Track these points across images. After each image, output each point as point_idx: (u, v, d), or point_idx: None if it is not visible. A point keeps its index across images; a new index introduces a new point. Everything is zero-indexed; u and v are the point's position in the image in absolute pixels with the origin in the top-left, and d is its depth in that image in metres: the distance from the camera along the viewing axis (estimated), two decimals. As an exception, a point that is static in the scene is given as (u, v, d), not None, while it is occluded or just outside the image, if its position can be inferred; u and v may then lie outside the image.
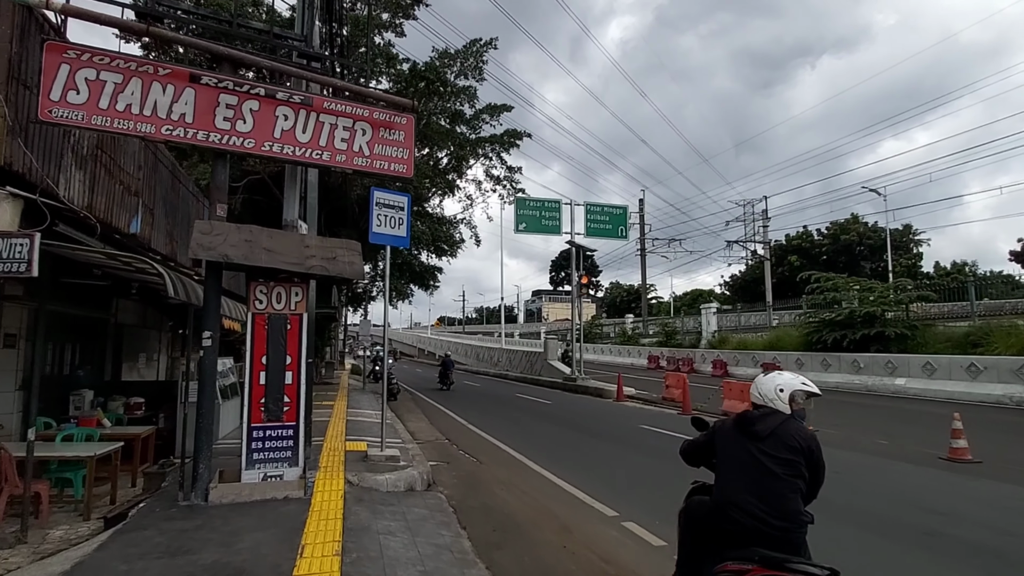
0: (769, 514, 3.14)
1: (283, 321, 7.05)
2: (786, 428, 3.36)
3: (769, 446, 3.30)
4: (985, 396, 17.57)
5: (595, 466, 9.97)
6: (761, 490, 3.21)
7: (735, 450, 3.45)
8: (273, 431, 6.89)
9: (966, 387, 18.38)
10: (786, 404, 3.48)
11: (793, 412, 3.47)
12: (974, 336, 20.31)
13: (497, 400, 22.41)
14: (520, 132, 25.26)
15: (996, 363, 18.02)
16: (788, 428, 3.36)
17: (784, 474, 3.23)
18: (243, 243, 6.71)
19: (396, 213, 9.40)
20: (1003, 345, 18.75)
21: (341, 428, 12.00)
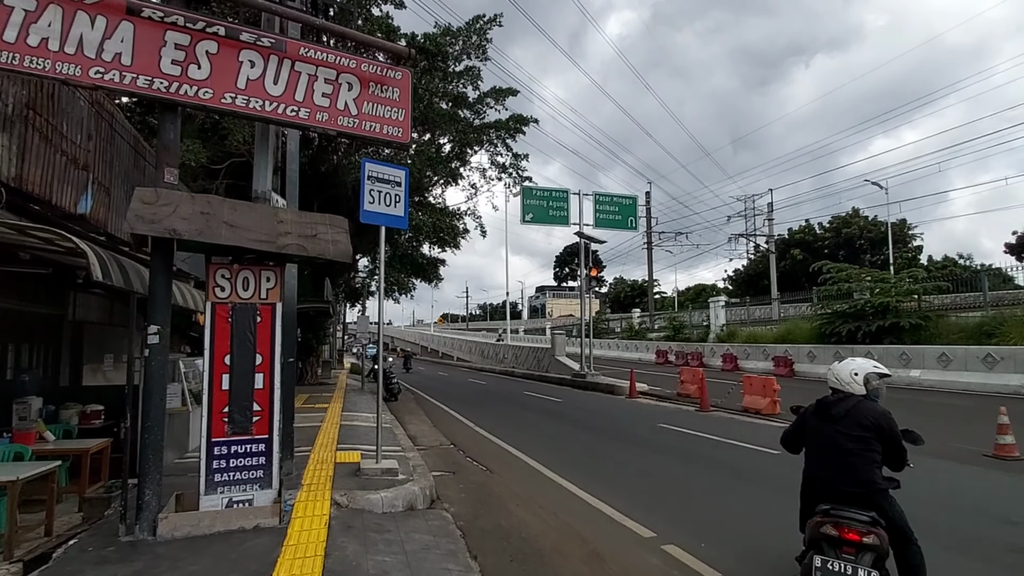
0: (845, 483, 3.79)
1: (251, 312, 5.82)
2: (859, 409, 3.87)
3: (844, 426, 3.85)
4: (1002, 387, 16.89)
5: (619, 474, 8.74)
6: (838, 465, 3.84)
7: (816, 432, 4.09)
8: (240, 446, 5.67)
9: (983, 378, 17.69)
10: (861, 386, 3.98)
11: (868, 393, 3.98)
12: (988, 326, 19.40)
13: (505, 399, 21.17)
14: (526, 118, 23.98)
15: (1013, 353, 17.36)
16: (861, 408, 3.87)
17: (857, 449, 3.78)
18: (198, 216, 5.47)
19: (392, 189, 8.18)
20: (1018, 335, 17.98)
21: (333, 435, 10.77)
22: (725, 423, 13.23)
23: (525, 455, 10.19)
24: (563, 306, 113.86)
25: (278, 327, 5.90)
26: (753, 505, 7.00)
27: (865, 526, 3.56)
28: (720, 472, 8.58)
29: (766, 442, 10.47)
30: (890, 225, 42.75)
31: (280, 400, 5.87)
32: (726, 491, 7.64)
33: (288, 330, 7.79)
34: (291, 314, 7.80)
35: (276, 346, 5.87)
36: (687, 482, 8.14)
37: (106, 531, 5.55)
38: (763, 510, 6.73)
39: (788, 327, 26.89)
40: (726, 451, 10.10)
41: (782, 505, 6.67)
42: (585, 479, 8.20)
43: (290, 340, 7.85)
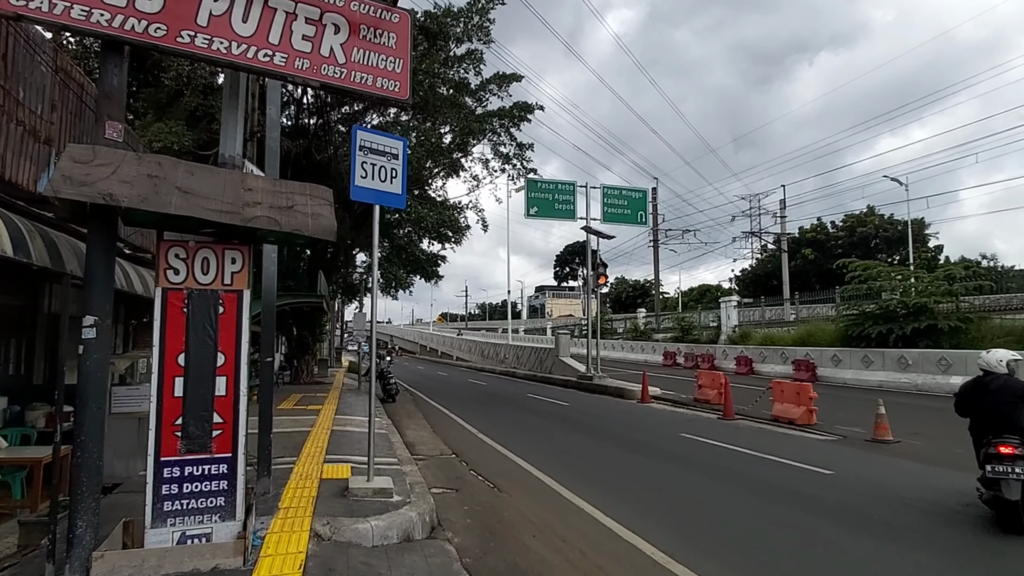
0: (1004, 431, 5.95)
1: (211, 301, 4.71)
2: (1007, 382, 6.21)
3: (998, 396, 6.15)
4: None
5: (648, 496, 7.62)
6: (999, 420, 6.06)
7: (977, 401, 6.38)
8: (196, 468, 4.56)
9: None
10: (1005, 368, 6.30)
11: (1009, 372, 6.29)
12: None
13: (508, 402, 20.04)
14: (531, 105, 22.85)
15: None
16: (1009, 382, 6.21)
17: (1009, 410, 6.03)
18: (143, 179, 4.36)
19: (388, 162, 7.05)
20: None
21: (322, 442, 9.65)
22: (755, 435, 12.11)
23: (536, 469, 9.07)
24: (563, 306, 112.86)
25: (245, 319, 4.78)
26: (812, 540, 5.87)
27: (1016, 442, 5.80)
28: (768, 497, 7.45)
29: (812, 459, 9.37)
30: (910, 223, 41.17)
31: (246, 409, 4.74)
32: (780, 522, 6.52)
33: (267, 325, 6.70)
34: (270, 305, 6.70)
35: (242, 343, 4.75)
36: (732, 509, 7.00)
37: (33, 569, 4.46)
38: (832, 549, 5.60)
39: (808, 329, 25.74)
40: (767, 469, 8.97)
41: (853, 542, 5.64)
42: (610, 502, 7.09)
43: (269, 336, 6.74)
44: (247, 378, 4.79)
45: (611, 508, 6.77)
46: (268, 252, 6.70)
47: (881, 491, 7.48)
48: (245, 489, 4.81)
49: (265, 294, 6.62)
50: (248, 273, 4.86)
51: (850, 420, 12.96)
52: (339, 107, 22.15)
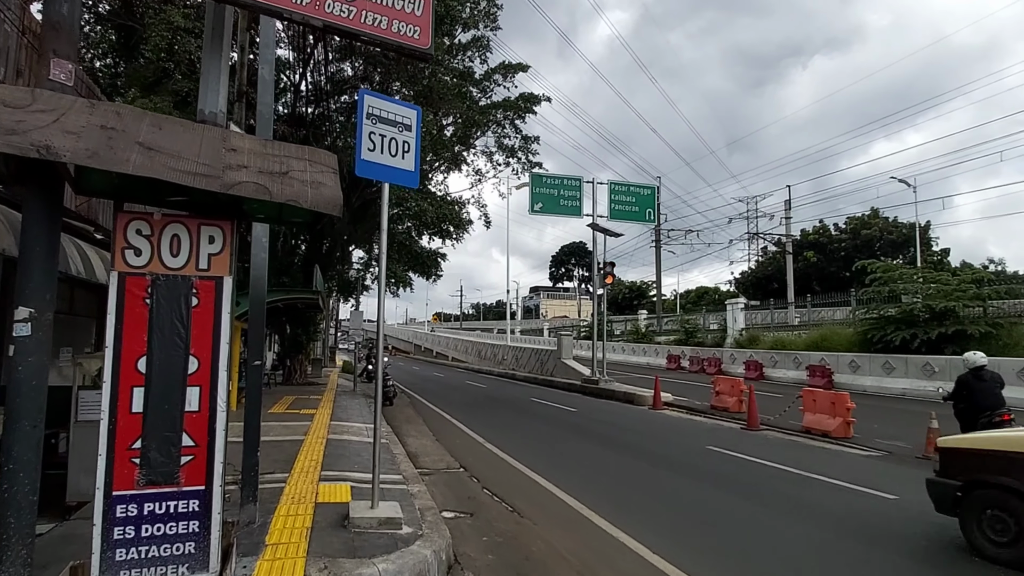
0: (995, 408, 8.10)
1: (182, 290, 3.71)
2: (993, 375, 8.50)
3: (989, 383, 8.32)
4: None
5: (696, 526, 6.63)
6: (993, 400, 8.18)
7: (976, 387, 8.33)
8: (159, 504, 3.56)
9: (1081, 397, 15.27)
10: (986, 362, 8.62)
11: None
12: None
13: (511, 407, 19.02)
14: (538, 96, 21.85)
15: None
16: (994, 375, 8.52)
17: (999, 392, 8.26)
18: (95, 131, 3.37)
19: (399, 133, 6.06)
20: None
21: (317, 454, 8.64)
22: (789, 448, 11.14)
23: (556, 487, 8.08)
24: (557, 307, 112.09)
25: (225, 314, 3.78)
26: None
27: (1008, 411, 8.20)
28: (835, 529, 6.47)
29: (866, 479, 8.44)
30: (918, 226, 40.33)
31: (225, 430, 3.74)
32: (862, 561, 5.54)
33: (256, 322, 5.68)
34: (260, 299, 5.68)
35: (221, 344, 3.76)
36: (799, 546, 6.03)
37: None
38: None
39: (822, 333, 24.78)
40: (821, 493, 8.00)
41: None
42: (652, 534, 6.11)
43: (258, 335, 5.72)
44: (226, 388, 3.78)
45: (656, 543, 5.78)
46: (258, 236, 5.69)
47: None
48: (222, 528, 3.81)
49: (254, 286, 5.61)
50: (231, 256, 3.86)
51: (888, 433, 12.00)
52: (338, 95, 21.14)
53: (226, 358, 3.77)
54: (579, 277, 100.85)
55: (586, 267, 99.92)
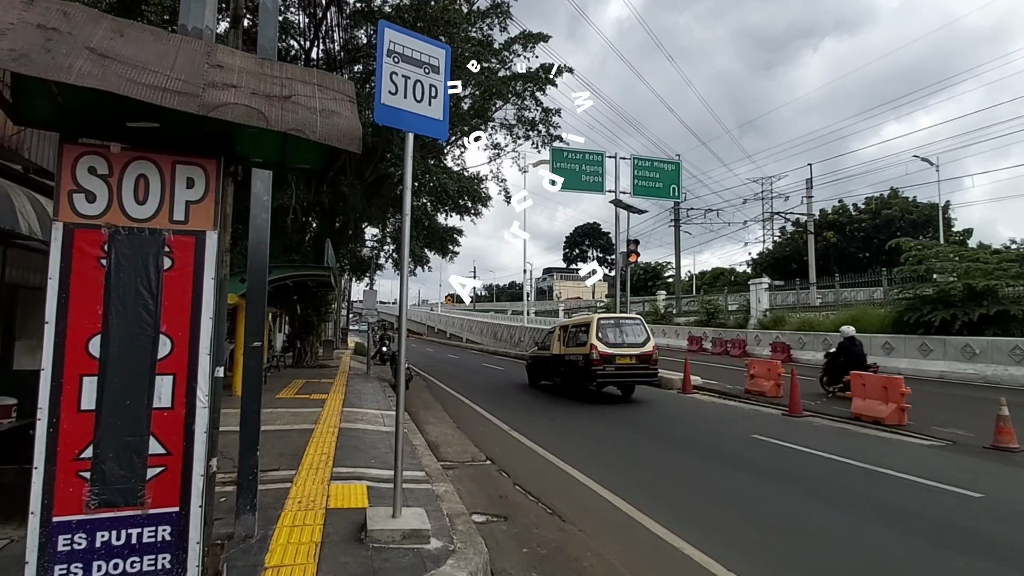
0: (864, 367, 13.23)
1: (151, 248, 2.80)
2: (860, 342, 14.20)
3: (859, 348, 13.84)
4: None
5: (760, 529, 5.70)
6: (859, 365, 13.21)
7: (852, 351, 13.67)
8: (117, 533, 2.68)
9: None
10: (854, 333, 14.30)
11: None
12: None
13: (532, 390, 18.15)
14: (560, 67, 20.78)
15: None
16: (860, 342, 14.19)
17: (865, 357, 13.79)
18: (29, 30, 2.48)
19: (425, 75, 5.12)
20: None
21: (329, 446, 7.80)
22: (840, 437, 10.20)
23: (597, 484, 7.19)
24: (571, 288, 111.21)
25: (209, 280, 2.88)
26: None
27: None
28: (934, 537, 5.54)
29: (939, 474, 7.50)
30: (940, 206, 38.99)
31: (208, 432, 2.85)
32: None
33: (254, 296, 4.79)
34: (259, 268, 4.77)
35: (203, 319, 2.86)
36: (888, 557, 5.12)
37: None
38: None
39: (852, 313, 23.65)
40: (897, 490, 7.05)
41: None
42: (716, 543, 5.22)
43: (257, 312, 4.81)
44: (210, 376, 2.89)
45: (726, 556, 4.88)
46: (259, 194, 4.78)
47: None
48: (208, 552, 2.93)
49: (253, 253, 4.70)
50: (216, 206, 2.97)
51: (944, 420, 11.01)
52: (352, 64, 20.15)
53: (210, 338, 2.87)
54: (594, 258, 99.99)
55: (600, 248, 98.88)
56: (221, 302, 3.01)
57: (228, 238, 4.43)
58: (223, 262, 4.17)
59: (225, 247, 4.36)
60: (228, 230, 4.40)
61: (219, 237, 2.94)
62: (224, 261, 4.39)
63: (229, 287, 10.41)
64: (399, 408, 4.97)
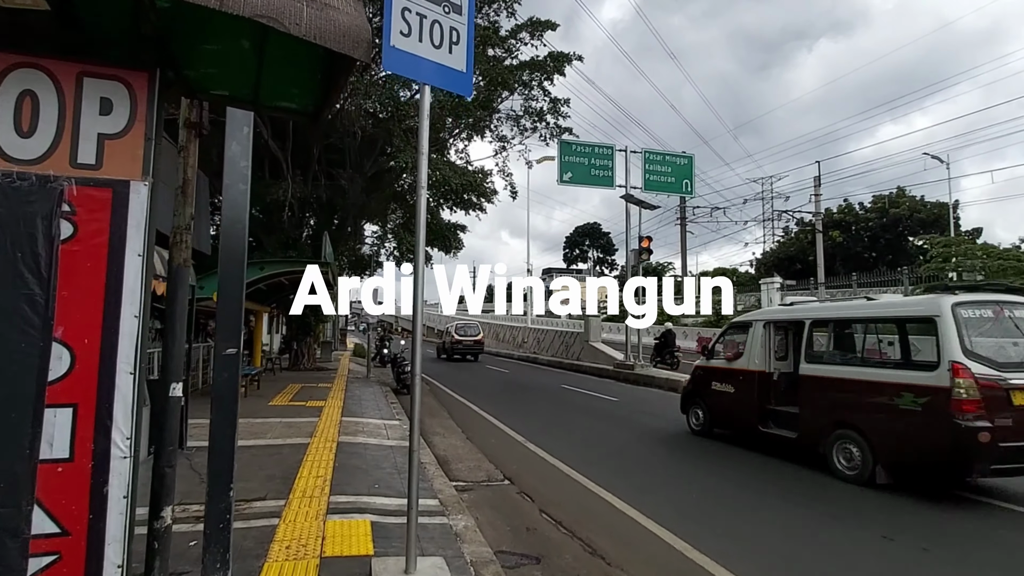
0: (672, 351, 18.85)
1: (37, 206, 1.73)
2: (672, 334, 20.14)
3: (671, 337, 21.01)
4: None
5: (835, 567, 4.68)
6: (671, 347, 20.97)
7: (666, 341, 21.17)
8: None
9: None
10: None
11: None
12: None
13: (541, 395, 17.12)
14: (568, 55, 19.77)
15: None
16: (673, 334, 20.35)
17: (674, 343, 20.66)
18: None
19: (445, 15, 4.10)
20: None
21: (326, 466, 6.76)
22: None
23: (640, 512, 6.15)
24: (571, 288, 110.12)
25: (134, 259, 1.82)
26: None
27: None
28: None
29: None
30: (951, 204, 38.11)
31: (129, 496, 1.80)
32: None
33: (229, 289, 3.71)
34: (234, 255, 3.69)
35: (124, 318, 1.80)
36: None
37: None
38: None
39: (874, 314, 22.66)
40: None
41: None
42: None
43: (232, 309, 3.74)
44: (134, 409, 1.85)
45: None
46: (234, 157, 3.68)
47: None
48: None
49: (226, 235, 3.63)
50: (147, 144, 1.91)
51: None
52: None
53: (134, 347, 1.83)
54: (593, 259, 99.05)
55: (600, 248, 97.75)
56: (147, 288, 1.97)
57: (191, 210, 3.40)
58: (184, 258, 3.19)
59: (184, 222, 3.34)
60: (191, 197, 3.37)
61: (151, 193, 1.92)
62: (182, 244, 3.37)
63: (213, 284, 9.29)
64: (413, 440, 3.94)
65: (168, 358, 3.25)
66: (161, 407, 3.25)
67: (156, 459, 3.09)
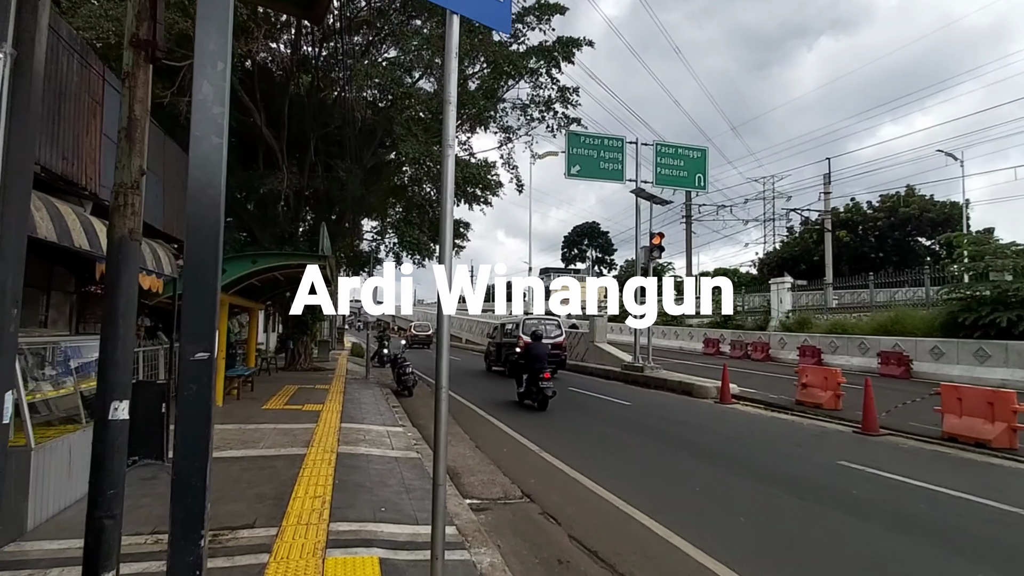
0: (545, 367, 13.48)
1: None
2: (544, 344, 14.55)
3: (542, 350, 13.78)
4: None
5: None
6: (542, 363, 13.36)
7: (533, 352, 13.53)
8: None
9: None
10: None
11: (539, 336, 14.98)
12: None
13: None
14: (578, 40, 18.91)
15: None
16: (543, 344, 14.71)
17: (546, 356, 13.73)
18: None
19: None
20: None
21: (324, 483, 5.95)
22: (949, 465, 8.45)
23: (680, 537, 5.38)
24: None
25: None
26: None
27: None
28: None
29: None
30: (964, 203, 37.39)
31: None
32: None
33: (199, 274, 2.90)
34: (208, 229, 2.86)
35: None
36: None
37: None
38: None
39: (892, 315, 21.88)
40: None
41: None
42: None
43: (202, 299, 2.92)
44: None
45: None
46: (205, 101, 2.87)
47: None
48: None
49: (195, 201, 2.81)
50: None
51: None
52: (350, 33, 18.26)
53: None
54: (592, 259, 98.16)
55: (599, 248, 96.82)
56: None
57: (140, 162, 2.60)
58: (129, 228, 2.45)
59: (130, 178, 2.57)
60: (140, 144, 2.58)
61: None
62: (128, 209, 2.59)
63: None
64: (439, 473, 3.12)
65: (107, 367, 2.44)
66: (98, 436, 2.44)
67: (91, 508, 2.28)
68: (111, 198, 2.59)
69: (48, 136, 6.76)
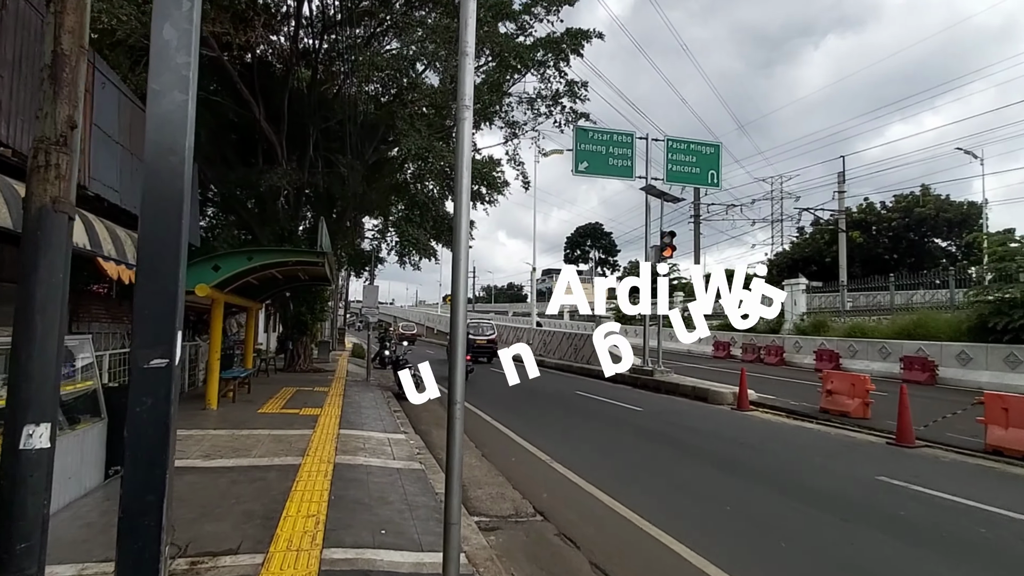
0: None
1: None
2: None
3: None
4: None
5: None
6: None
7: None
8: None
9: None
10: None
11: None
12: None
13: (557, 402, 15.74)
14: (588, 31, 18.28)
15: None
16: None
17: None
18: None
19: None
20: None
21: (319, 499, 5.35)
22: (988, 478, 7.89)
23: (717, 567, 4.75)
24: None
25: None
26: None
27: None
28: None
29: None
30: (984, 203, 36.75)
31: None
32: None
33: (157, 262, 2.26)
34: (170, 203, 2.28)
35: None
36: None
37: None
38: None
39: (915, 318, 21.18)
40: None
41: None
42: None
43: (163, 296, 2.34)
44: None
45: None
46: (167, 43, 2.30)
47: None
48: None
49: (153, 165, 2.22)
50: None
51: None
52: (350, 25, 17.67)
53: None
54: (595, 260, 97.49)
55: (602, 249, 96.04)
56: None
57: (67, 111, 1.98)
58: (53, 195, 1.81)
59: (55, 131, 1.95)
60: (71, 88, 1.95)
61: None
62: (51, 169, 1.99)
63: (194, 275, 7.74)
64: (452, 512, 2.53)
65: (20, 379, 1.84)
66: (5, 472, 1.84)
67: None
68: (29, 155, 1.98)
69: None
